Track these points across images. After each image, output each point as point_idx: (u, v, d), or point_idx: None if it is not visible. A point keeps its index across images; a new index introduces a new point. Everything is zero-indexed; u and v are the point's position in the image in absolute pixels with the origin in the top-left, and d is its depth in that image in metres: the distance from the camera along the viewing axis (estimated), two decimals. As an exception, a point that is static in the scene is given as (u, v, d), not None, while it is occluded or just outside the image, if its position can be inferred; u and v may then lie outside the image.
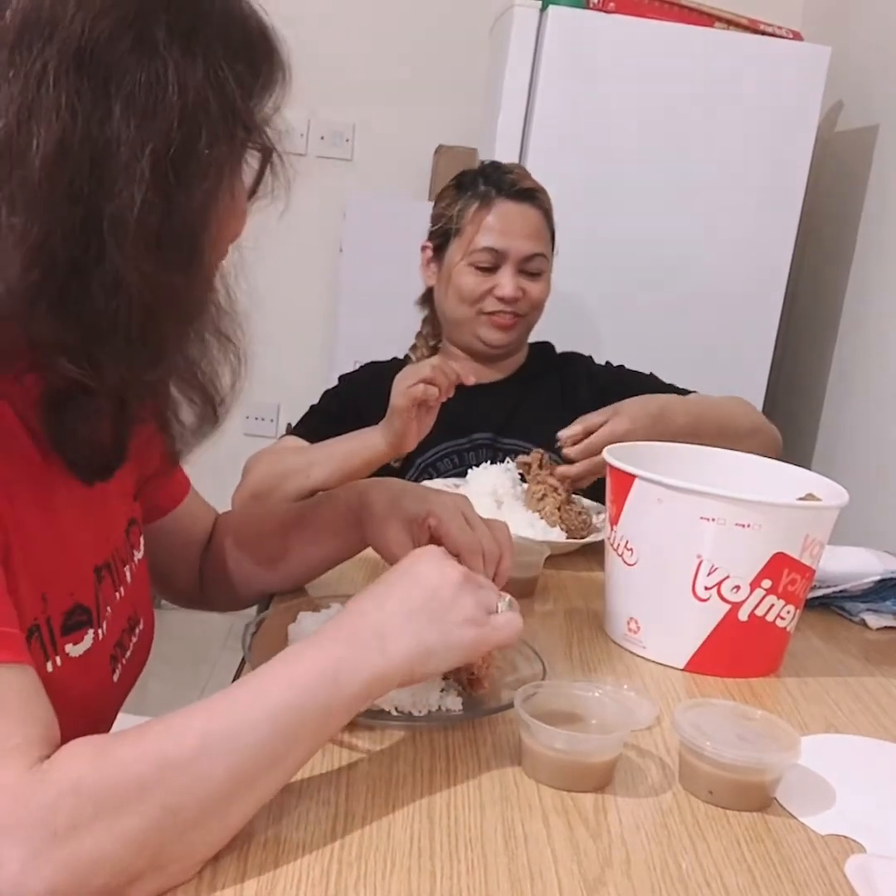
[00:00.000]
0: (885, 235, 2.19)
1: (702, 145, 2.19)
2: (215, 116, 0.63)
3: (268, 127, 0.71)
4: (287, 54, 0.71)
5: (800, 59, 2.17)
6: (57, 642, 0.70)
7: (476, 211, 1.57)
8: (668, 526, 0.96)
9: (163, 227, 0.62)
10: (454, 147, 2.72)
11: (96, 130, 0.59)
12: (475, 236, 1.56)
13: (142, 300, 0.63)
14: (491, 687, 0.84)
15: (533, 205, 1.58)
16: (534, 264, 1.57)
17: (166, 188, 0.62)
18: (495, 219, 1.56)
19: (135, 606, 0.85)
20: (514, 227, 1.56)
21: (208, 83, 0.63)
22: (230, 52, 0.65)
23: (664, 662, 0.98)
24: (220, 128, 0.64)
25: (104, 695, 0.78)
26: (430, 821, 0.69)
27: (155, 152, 0.61)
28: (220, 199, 0.66)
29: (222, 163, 0.65)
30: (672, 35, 2.14)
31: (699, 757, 0.74)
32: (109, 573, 0.80)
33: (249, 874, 0.61)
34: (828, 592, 1.17)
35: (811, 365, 2.47)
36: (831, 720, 0.91)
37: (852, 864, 0.68)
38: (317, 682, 0.65)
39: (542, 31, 2.12)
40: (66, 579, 0.72)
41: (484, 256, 1.55)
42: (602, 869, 0.65)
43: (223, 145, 0.64)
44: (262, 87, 0.69)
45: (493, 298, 1.56)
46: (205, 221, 0.66)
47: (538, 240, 1.58)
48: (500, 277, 1.56)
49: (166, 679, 0.99)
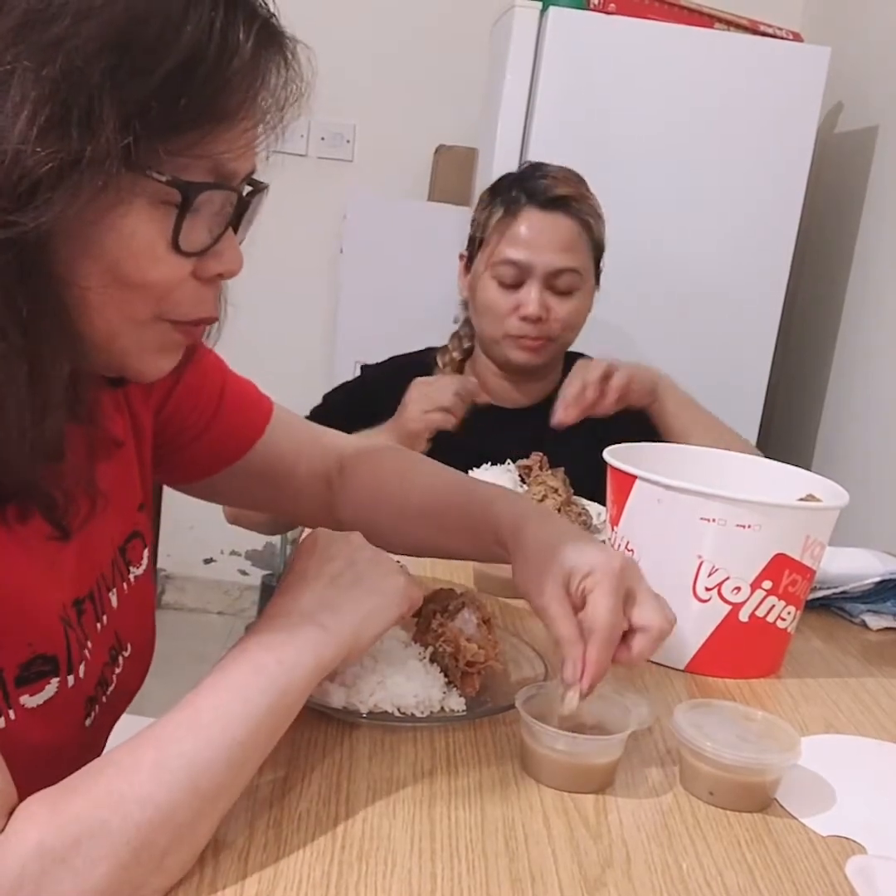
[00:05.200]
0: (885, 236, 2.19)
1: (702, 146, 2.19)
2: (29, 115, 0.54)
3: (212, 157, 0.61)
4: (284, 79, 0.63)
5: (800, 60, 2.17)
6: (10, 694, 0.66)
7: (501, 219, 1.47)
8: (668, 527, 0.96)
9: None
10: (454, 147, 2.72)
11: None
12: (498, 247, 1.46)
13: None
14: (484, 688, 0.84)
15: (566, 214, 1.46)
16: (563, 281, 1.45)
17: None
18: (520, 229, 1.45)
19: (118, 633, 0.81)
20: (541, 238, 1.44)
21: (35, 81, 0.54)
22: (106, 60, 0.55)
23: (665, 663, 0.98)
24: (35, 131, 0.54)
25: (74, 741, 0.75)
26: (430, 821, 0.69)
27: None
28: (55, 224, 0.56)
29: (25, 169, 0.54)
30: (672, 36, 2.14)
31: (700, 758, 0.74)
32: (92, 603, 0.77)
33: (250, 874, 0.61)
34: (828, 593, 1.17)
35: (811, 365, 2.47)
36: (831, 721, 0.91)
37: (853, 864, 0.68)
38: (263, 683, 0.65)
39: (543, 31, 2.12)
40: (22, 631, 0.68)
41: (507, 270, 1.45)
42: (603, 869, 0.65)
43: (31, 151, 0.54)
44: (193, 116, 0.59)
45: (517, 320, 1.46)
46: (11, 237, 0.55)
47: (569, 253, 1.46)
48: (524, 295, 1.45)
49: (166, 679, 0.99)
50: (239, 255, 0.68)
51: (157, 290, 0.64)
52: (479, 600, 0.88)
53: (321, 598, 0.73)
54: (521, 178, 1.51)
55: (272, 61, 0.62)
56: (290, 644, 0.68)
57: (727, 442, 1.36)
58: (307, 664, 0.68)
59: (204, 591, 3.13)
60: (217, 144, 0.61)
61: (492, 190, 1.53)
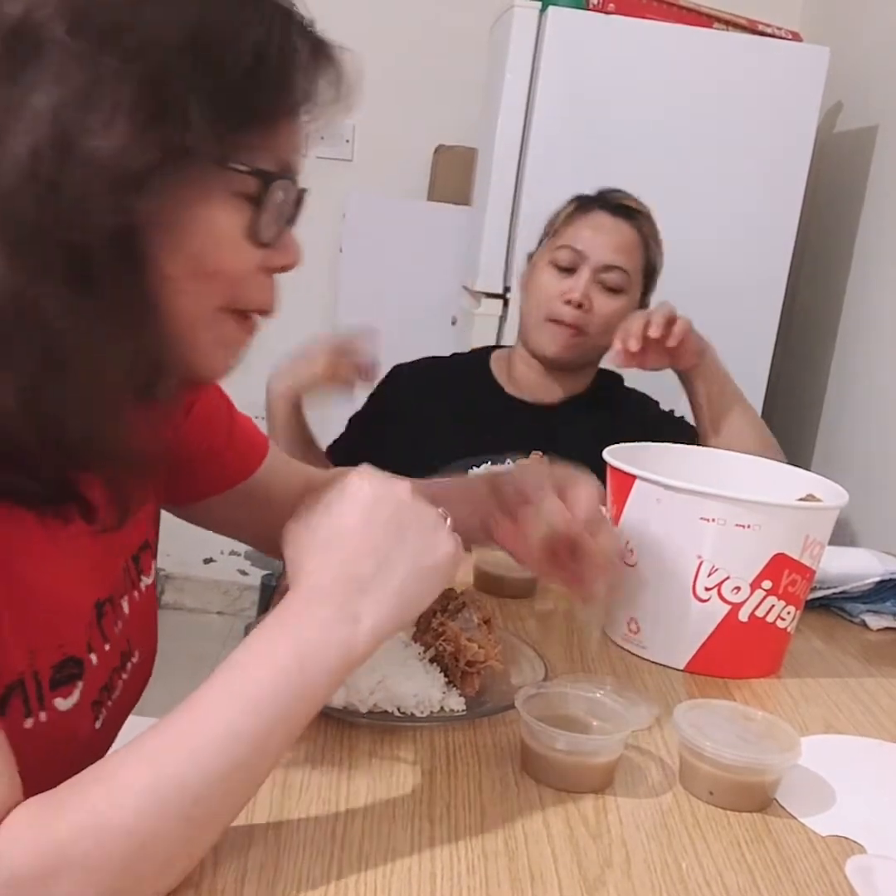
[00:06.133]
0: (884, 235, 2.19)
1: (701, 146, 2.19)
2: (125, 114, 0.57)
3: (282, 150, 0.65)
4: (337, 77, 0.67)
5: (799, 59, 2.17)
6: (44, 697, 0.66)
7: (571, 213, 1.58)
8: (668, 526, 0.96)
9: (38, 227, 0.57)
10: (454, 147, 2.72)
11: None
12: (562, 235, 1.56)
13: (3, 308, 0.57)
14: (484, 688, 0.84)
15: (629, 222, 1.56)
16: (613, 277, 1.53)
17: (41, 182, 0.56)
18: (585, 223, 1.55)
19: (130, 640, 0.81)
20: (601, 233, 1.54)
21: (124, 80, 0.57)
22: (186, 58, 0.59)
23: (664, 663, 0.98)
24: (132, 128, 0.57)
25: (87, 744, 0.73)
26: (430, 821, 0.69)
27: (37, 141, 0.56)
28: (149, 218, 0.59)
29: (128, 167, 0.57)
30: (671, 36, 2.14)
31: (699, 757, 0.74)
32: (111, 606, 0.77)
33: (249, 874, 0.61)
34: (828, 593, 1.17)
35: (811, 365, 2.47)
36: (831, 721, 0.91)
37: (852, 864, 0.68)
38: (278, 689, 0.60)
39: (542, 31, 2.12)
40: (55, 631, 0.68)
41: (563, 254, 1.54)
42: (602, 869, 0.65)
43: (133, 148, 0.57)
44: (265, 108, 0.63)
45: (561, 303, 1.53)
46: (114, 239, 0.58)
47: (624, 254, 1.55)
48: (573, 281, 1.53)
49: (166, 679, 0.99)
50: (300, 248, 0.71)
51: (230, 278, 0.66)
52: (479, 600, 0.88)
53: (361, 580, 0.65)
54: (600, 191, 1.62)
55: (325, 59, 0.66)
56: (318, 644, 0.62)
57: (760, 443, 1.42)
58: (332, 668, 0.62)
59: (203, 591, 3.13)
60: (283, 138, 0.66)
61: (571, 198, 1.63)
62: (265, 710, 0.59)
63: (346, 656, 0.63)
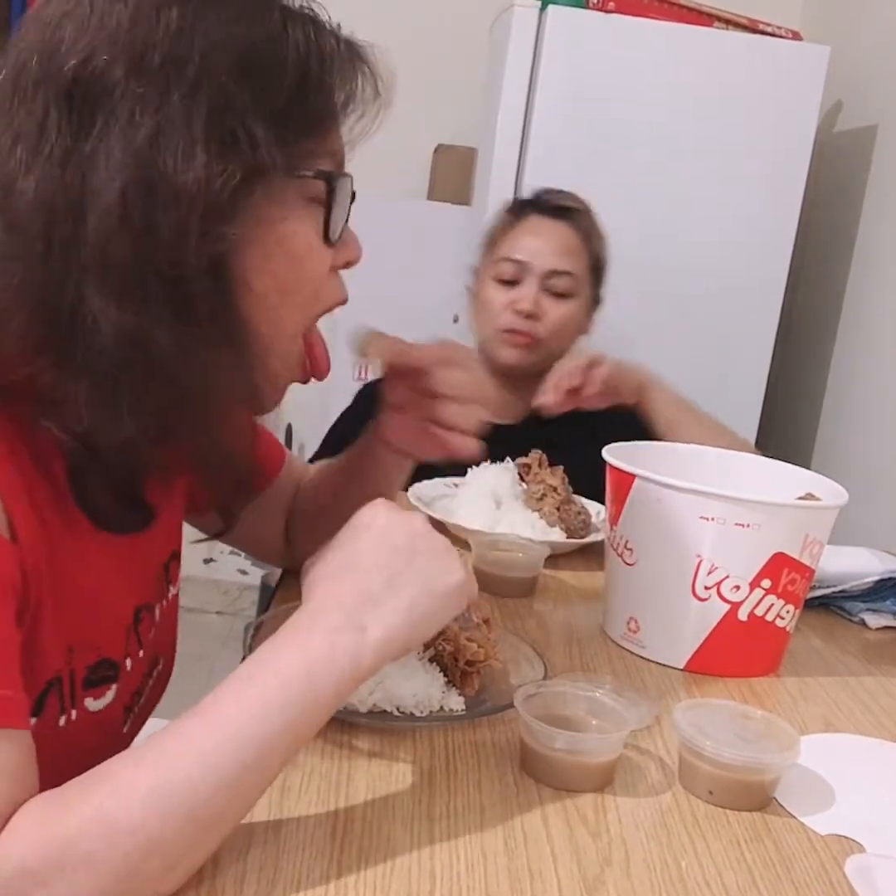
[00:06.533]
0: (884, 235, 2.19)
1: (701, 145, 2.19)
2: (199, 147, 0.60)
3: (333, 156, 0.70)
4: (374, 75, 0.70)
5: (799, 58, 2.17)
6: (76, 696, 0.68)
7: (506, 224, 1.54)
8: (667, 526, 0.96)
9: (139, 269, 0.59)
10: (454, 147, 2.72)
11: (73, 170, 0.58)
12: (501, 247, 1.53)
13: (118, 352, 0.60)
14: (484, 688, 0.84)
15: (568, 223, 1.53)
16: (560, 282, 1.50)
17: (134, 225, 0.59)
18: (523, 231, 1.52)
19: (157, 647, 0.82)
20: (542, 240, 1.51)
21: (192, 115, 0.60)
22: (240, 78, 0.61)
23: (664, 662, 0.98)
24: (209, 159, 0.60)
25: (112, 748, 0.72)
26: (429, 820, 0.69)
27: (122, 187, 0.58)
28: (237, 240, 0.62)
29: (213, 197, 0.60)
30: (671, 35, 2.14)
31: (699, 757, 0.74)
32: (149, 613, 0.78)
33: (249, 874, 0.61)
34: (827, 592, 1.17)
35: (811, 365, 2.47)
36: (831, 720, 0.91)
37: (852, 863, 0.68)
38: (287, 698, 0.60)
39: (542, 30, 2.12)
40: (93, 632, 0.69)
41: (506, 268, 1.51)
42: (602, 868, 0.65)
43: (214, 178, 0.60)
44: (317, 114, 0.67)
45: (511, 314, 1.50)
46: (210, 266, 0.61)
47: (568, 257, 1.52)
48: (520, 291, 1.50)
49: (166, 679, 0.99)
50: (359, 242, 0.76)
51: (314, 283, 0.70)
52: (479, 600, 0.88)
53: (370, 593, 0.66)
54: (532, 195, 1.60)
55: (359, 59, 0.70)
56: (325, 652, 0.62)
57: (725, 442, 1.35)
58: (338, 677, 0.62)
59: (203, 590, 3.13)
60: (336, 139, 0.70)
61: (505, 206, 1.61)
62: (274, 717, 0.60)
63: (353, 666, 0.63)
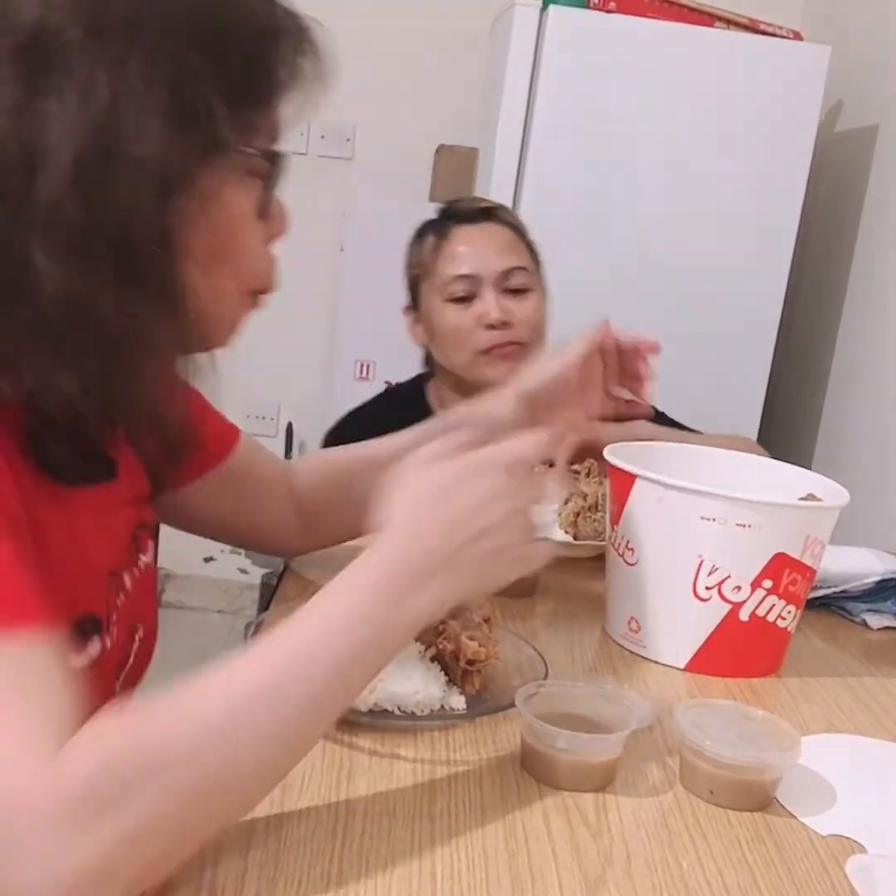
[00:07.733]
0: (885, 234, 2.19)
1: (701, 145, 2.19)
2: (160, 116, 0.59)
3: (277, 129, 0.69)
4: (318, 53, 0.68)
5: (800, 58, 2.17)
6: None
7: (435, 245, 1.46)
8: (668, 526, 0.96)
9: (87, 231, 0.59)
10: (455, 147, 2.73)
11: (27, 125, 0.58)
12: (441, 271, 1.44)
13: (60, 310, 0.60)
14: (484, 687, 0.84)
15: (494, 221, 1.47)
16: (515, 280, 1.44)
17: (88, 188, 0.58)
18: (457, 245, 1.45)
19: (134, 614, 0.83)
20: (479, 247, 1.44)
21: (152, 81, 0.59)
22: (200, 49, 0.61)
23: (665, 662, 0.98)
24: (170, 130, 0.60)
25: None
26: (430, 820, 0.69)
27: (79, 148, 0.58)
28: (186, 210, 0.63)
29: (171, 168, 0.60)
30: (672, 35, 2.14)
31: (700, 756, 0.74)
32: (119, 578, 0.79)
33: (249, 874, 0.61)
34: (828, 593, 1.17)
35: (811, 364, 2.47)
36: (832, 720, 0.91)
37: (853, 864, 0.68)
38: (375, 620, 0.63)
39: (543, 30, 2.12)
40: (76, 587, 0.70)
41: (457, 286, 1.43)
42: (603, 868, 0.65)
43: (174, 149, 0.60)
44: (265, 89, 0.67)
45: (483, 331, 1.42)
46: (160, 236, 0.62)
47: (512, 254, 1.45)
48: (481, 305, 1.42)
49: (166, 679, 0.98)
50: (288, 213, 0.74)
51: (248, 256, 0.71)
52: (480, 599, 0.88)
53: (437, 553, 0.66)
54: (438, 213, 1.52)
55: (306, 36, 0.68)
56: (388, 609, 0.64)
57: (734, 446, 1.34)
58: (413, 625, 0.66)
59: (204, 589, 3.13)
60: (277, 115, 0.69)
61: (416, 236, 1.52)
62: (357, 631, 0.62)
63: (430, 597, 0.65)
